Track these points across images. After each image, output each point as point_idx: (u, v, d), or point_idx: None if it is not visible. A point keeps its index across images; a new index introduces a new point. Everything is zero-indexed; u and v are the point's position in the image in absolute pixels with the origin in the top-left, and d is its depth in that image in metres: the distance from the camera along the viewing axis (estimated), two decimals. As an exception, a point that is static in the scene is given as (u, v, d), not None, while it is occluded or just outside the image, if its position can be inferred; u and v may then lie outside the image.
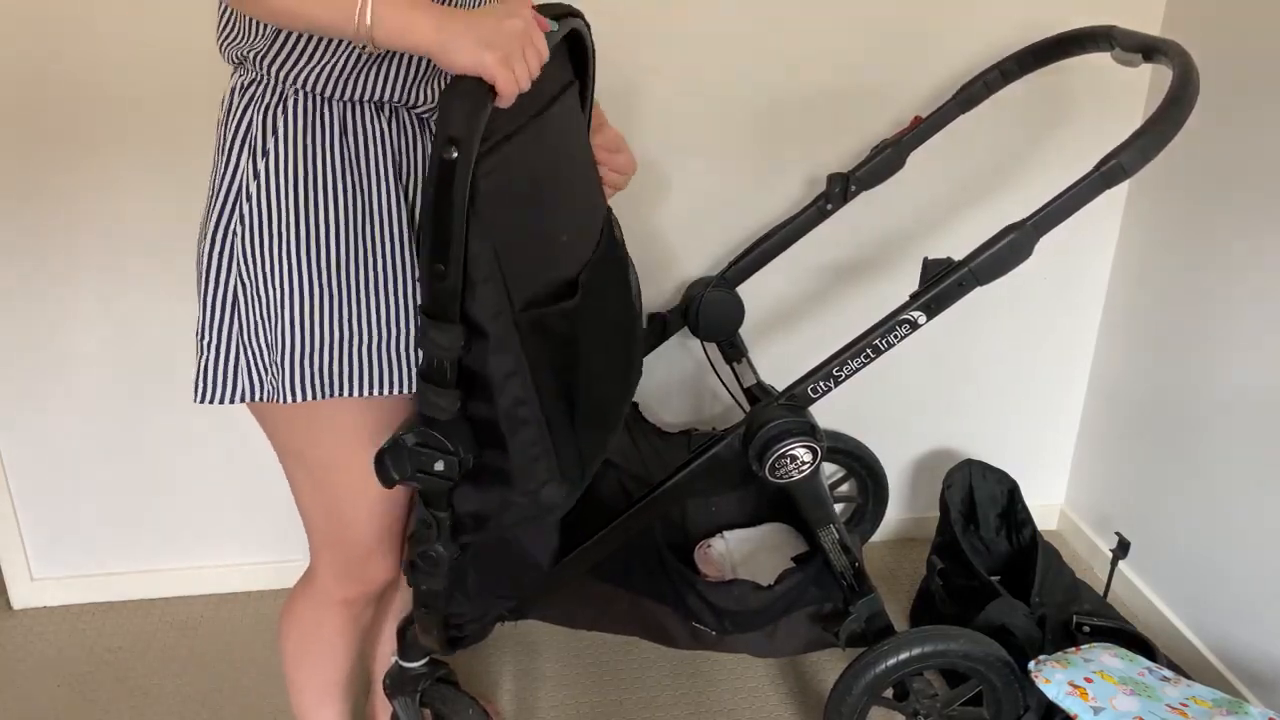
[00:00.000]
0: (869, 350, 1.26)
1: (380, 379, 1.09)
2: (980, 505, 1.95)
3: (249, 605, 1.99)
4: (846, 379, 1.28)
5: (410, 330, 1.10)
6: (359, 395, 1.09)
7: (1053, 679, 1.43)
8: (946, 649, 1.42)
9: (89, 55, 1.62)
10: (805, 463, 1.28)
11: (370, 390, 1.09)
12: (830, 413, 1.95)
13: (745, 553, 1.70)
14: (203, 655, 1.86)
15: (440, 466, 1.04)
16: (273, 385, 1.07)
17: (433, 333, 0.98)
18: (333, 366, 1.07)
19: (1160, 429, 1.89)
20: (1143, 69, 1.82)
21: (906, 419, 2.11)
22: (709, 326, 1.71)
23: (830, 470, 1.98)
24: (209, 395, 1.08)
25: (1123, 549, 1.72)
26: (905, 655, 1.41)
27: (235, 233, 1.04)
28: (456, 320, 0.98)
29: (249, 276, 1.04)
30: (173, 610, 1.98)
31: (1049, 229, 1.19)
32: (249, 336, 1.06)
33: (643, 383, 1.99)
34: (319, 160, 1.03)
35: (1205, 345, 1.76)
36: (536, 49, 0.93)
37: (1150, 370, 1.92)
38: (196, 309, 1.09)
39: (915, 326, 1.24)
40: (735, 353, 1.74)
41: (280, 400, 1.07)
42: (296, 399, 1.06)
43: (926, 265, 1.23)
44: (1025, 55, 1.54)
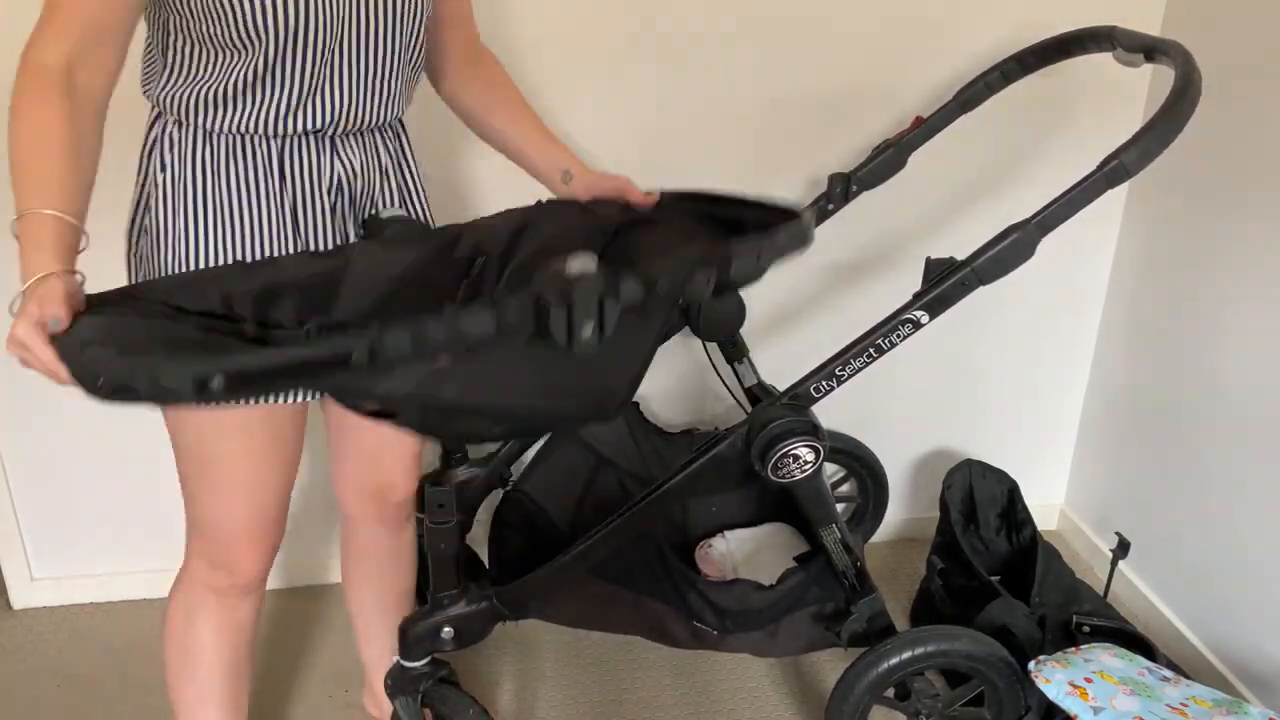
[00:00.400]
0: (871, 350, 1.26)
1: None
2: (980, 505, 1.95)
3: (249, 605, 1.99)
4: (849, 378, 1.28)
5: None
6: None
7: (1053, 679, 1.43)
8: (949, 649, 1.43)
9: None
10: (808, 462, 1.29)
11: None
12: (831, 413, 1.95)
13: (747, 552, 1.70)
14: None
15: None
16: None
17: None
18: None
19: (1160, 429, 1.89)
20: (1144, 69, 1.83)
21: (907, 419, 2.11)
22: (710, 326, 1.70)
23: (831, 470, 1.98)
24: None
25: (1123, 549, 1.72)
26: (907, 655, 1.42)
27: (142, 236, 1.15)
28: None
29: (151, 276, 1.14)
30: (172, 610, 1.98)
31: (1051, 229, 1.19)
32: None
33: (644, 383, 1.98)
34: (205, 176, 1.11)
35: (1205, 345, 1.76)
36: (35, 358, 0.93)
37: (1150, 370, 1.92)
38: None
39: (918, 326, 1.24)
40: (737, 353, 1.74)
41: None
42: None
43: (929, 265, 1.23)
44: (1027, 55, 1.54)
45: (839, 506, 1.97)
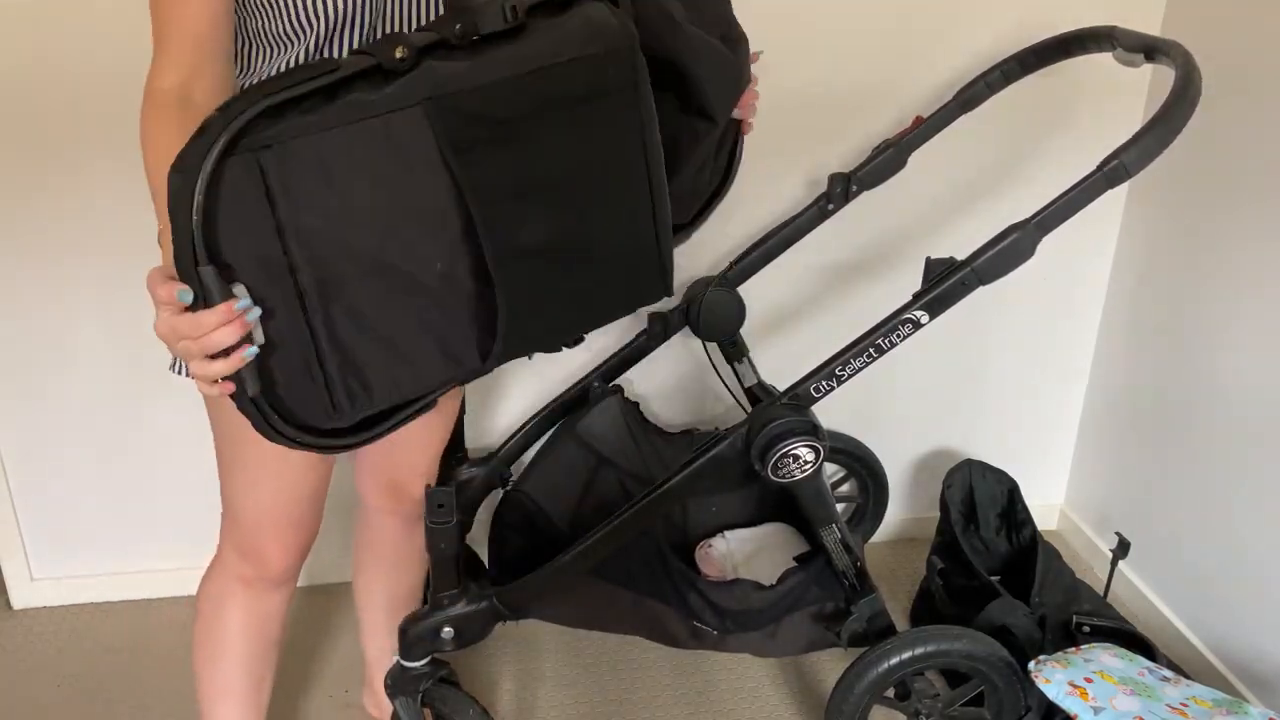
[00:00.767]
0: (871, 350, 1.26)
1: None
2: (980, 505, 1.95)
3: (249, 605, 1.99)
4: (849, 378, 1.28)
5: None
6: None
7: (1053, 679, 1.43)
8: (949, 649, 1.43)
9: (90, 54, 1.61)
10: (808, 462, 1.29)
11: None
12: (831, 413, 1.95)
13: (747, 552, 1.70)
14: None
15: None
16: None
17: None
18: None
19: (1160, 429, 1.89)
20: (1144, 69, 1.83)
21: (906, 419, 2.11)
22: (710, 326, 1.70)
23: (831, 470, 1.98)
24: (170, 364, 1.18)
25: (1123, 549, 1.72)
26: (907, 655, 1.42)
27: None
28: None
29: None
30: (173, 610, 1.98)
31: (1051, 229, 1.19)
32: None
33: (644, 383, 1.99)
34: None
35: (1205, 345, 1.76)
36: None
37: (1150, 370, 1.92)
38: None
39: (918, 326, 1.24)
40: (736, 353, 1.74)
41: (186, 374, 1.16)
42: None
43: (929, 265, 1.23)
44: (1027, 55, 1.54)
45: (839, 506, 1.97)
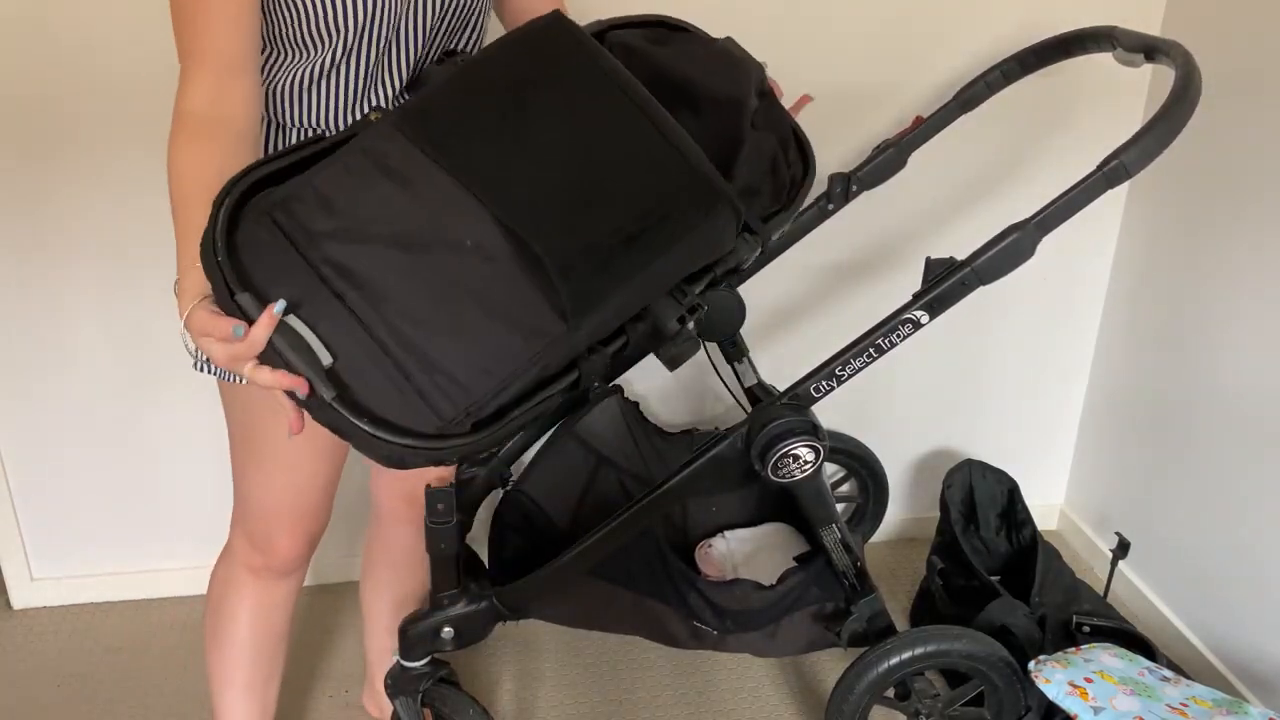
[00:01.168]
0: (871, 350, 1.26)
1: None
2: (980, 505, 1.95)
3: (249, 605, 1.99)
4: (849, 378, 1.28)
5: None
6: None
7: (1053, 679, 1.43)
8: (949, 649, 1.43)
9: (91, 53, 1.61)
10: (808, 462, 1.28)
11: None
12: (831, 412, 1.95)
13: (746, 552, 1.70)
14: (203, 655, 1.85)
15: None
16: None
17: None
18: None
19: (1160, 429, 1.89)
20: (1144, 69, 1.83)
21: (907, 419, 2.11)
22: (710, 326, 1.70)
23: (831, 470, 1.98)
24: (193, 362, 1.19)
25: (1123, 549, 1.72)
26: (907, 655, 1.41)
27: None
28: None
29: None
30: (173, 610, 1.98)
31: (1051, 229, 1.19)
32: None
33: (644, 383, 1.99)
34: None
35: (1205, 345, 1.76)
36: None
37: (1150, 370, 1.92)
38: None
39: (918, 326, 1.24)
40: (736, 352, 1.74)
41: (208, 372, 1.20)
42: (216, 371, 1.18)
43: (929, 265, 1.23)
44: (1027, 55, 1.53)
45: (839, 506, 1.97)
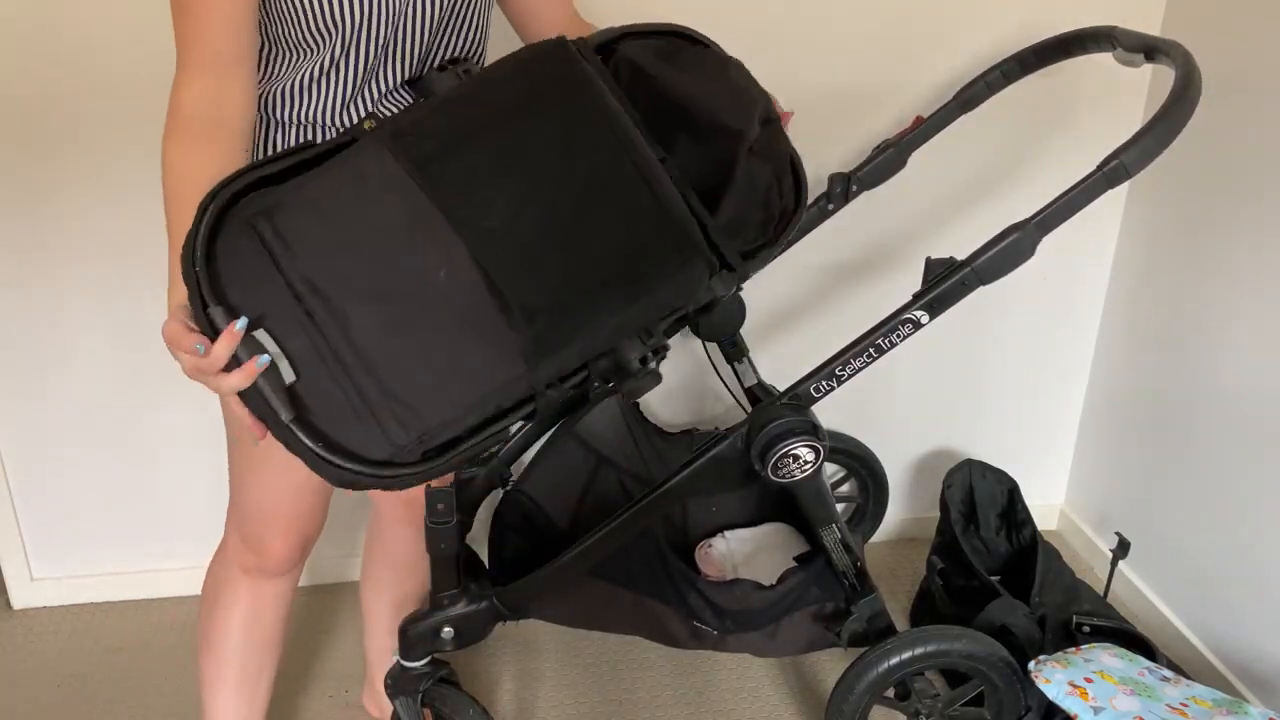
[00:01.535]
0: (871, 350, 1.26)
1: None
2: (980, 505, 1.95)
3: (249, 605, 1.99)
4: (849, 378, 1.28)
5: None
6: None
7: (1053, 679, 1.43)
8: (949, 649, 1.43)
9: (91, 53, 1.61)
10: (808, 462, 1.28)
11: None
12: (831, 412, 1.95)
13: (746, 552, 1.70)
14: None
15: None
16: None
17: None
18: None
19: (1160, 429, 1.89)
20: (1144, 69, 1.83)
21: (907, 419, 2.11)
22: (710, 326, 1.70)
23: (831, 470, 1.98)
24: None
25: (1123, 549, 1.72)
26: (907, 655, 1.41)
27: None
28: None
29: None
30: (173, 610, 1.98)
31: (1052, 229, 1.19)
32: None
33: (643, 382, 1.99)
34: None
35: (1205, 345, 1.76)
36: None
37: (1150, 370, 1.92)
38: None
39: (918, 326, 1.24)
40: (736, 353, 1.74)
41: None
42: None
43: (929, 265, 1.23)
44: (1027, 55, 1.53)
45: (839, 506, 1.97)
